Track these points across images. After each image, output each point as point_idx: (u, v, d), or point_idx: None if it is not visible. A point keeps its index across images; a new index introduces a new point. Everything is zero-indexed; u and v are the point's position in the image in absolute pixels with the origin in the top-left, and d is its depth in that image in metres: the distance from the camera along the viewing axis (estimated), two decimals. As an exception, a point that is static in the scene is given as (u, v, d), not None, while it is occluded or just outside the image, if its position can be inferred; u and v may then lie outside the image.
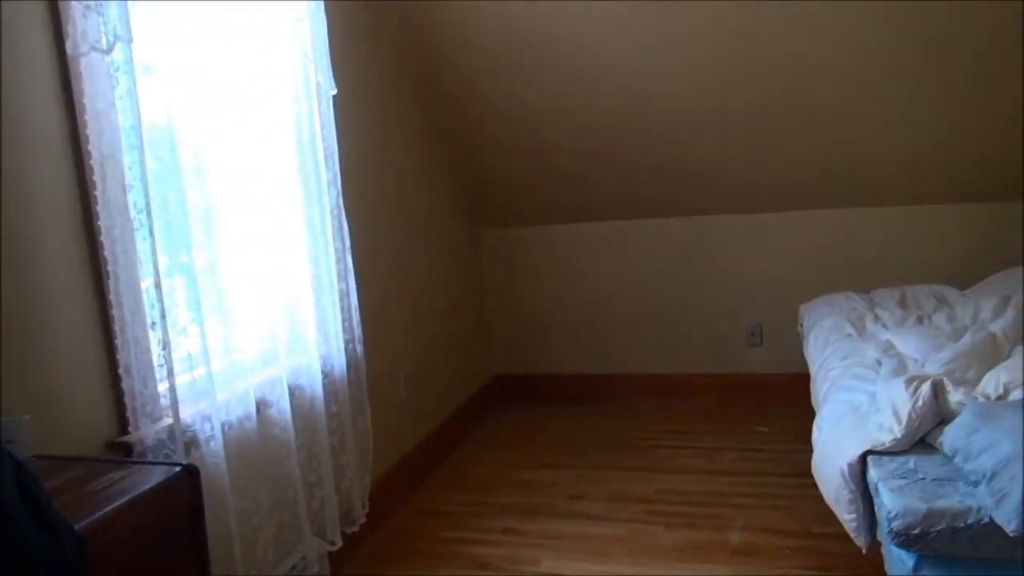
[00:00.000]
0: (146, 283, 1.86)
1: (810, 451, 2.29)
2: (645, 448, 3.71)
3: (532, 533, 2.98)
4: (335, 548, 2.54)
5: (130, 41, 1.79)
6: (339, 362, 2.63)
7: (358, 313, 2.75)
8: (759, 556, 2.66)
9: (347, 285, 2.71)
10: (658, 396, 4.29)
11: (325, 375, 2.56)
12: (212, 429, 1.99)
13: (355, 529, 2.69)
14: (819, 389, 2.61)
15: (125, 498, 1.21)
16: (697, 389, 4.25)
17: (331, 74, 2.63)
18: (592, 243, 4.33)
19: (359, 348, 2.75)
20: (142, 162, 1.83)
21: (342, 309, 2.68)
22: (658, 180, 3.98)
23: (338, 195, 2.68)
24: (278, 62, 2.46)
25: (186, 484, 1.30)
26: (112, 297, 1.83)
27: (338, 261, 2.66)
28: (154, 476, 1.29)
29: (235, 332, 2.16)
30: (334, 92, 2.65)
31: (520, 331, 4.53)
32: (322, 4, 2.59)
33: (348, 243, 2.72)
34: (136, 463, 1.39)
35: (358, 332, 2.75)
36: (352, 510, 2.67)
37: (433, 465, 3.64)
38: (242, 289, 2.21)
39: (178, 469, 1.30)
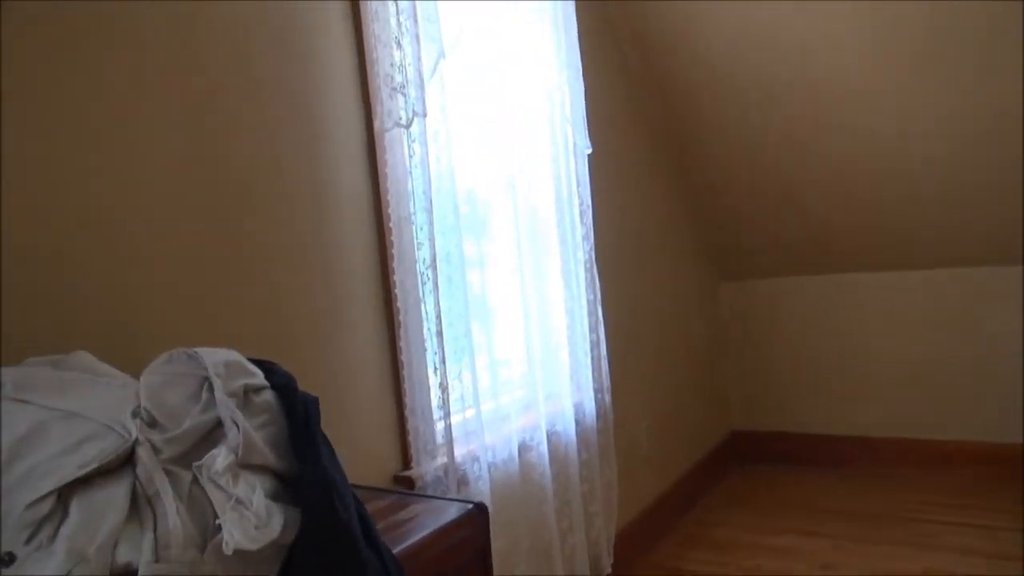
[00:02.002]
0: (429, 331, 2.05)
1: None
2: (907, 520, 3.41)
3: (782, 601, 2.84)
4: (584, 595, 2.59)
5: (424, 116, 2.01)
6: (589, 411, 2.70)
7: (607, 363, 2.81)
8: (1058, 657, 2.34)
9: (597, 335, 2.79)
10: (920, 464, 3.93)
11: (578, 423, 2.64)
12: (480, 469, 2.13)
13: (601, 578, 2.72)
14: None
15: (428, 530, 1.34)
16: (967, 459, 3.84)
17: (587, 134, 2.76)
18: (843, 295, 4.11)
19: (607, 397, 2.81)
20: (430, 223, 2.04)
21: (592, 359, 2.75)
22: (921, 226, 3.71)
23: (591, 248, 2.78)
24: (541, 126, 2.63)
25: (478, 521, 1.41)
26: (401, 343, 2.03)
27: (590, 313, 2.75)
28: (451, 511, 1.41)
29: (501, 377, 2.30)
30: (589, 151, 2.78)
31: (761, 386, 4.37)
32: (579, 72, 2.73)
33: (599, 295, 2.80)
34: (434, 498, 1.53)
35: (607, 382, 2.81)
36: (599, 559, 2.71)
37: (672, 520, 3.59)
38: (508, 336, 2.36)
39: (471, 507, 1.42)
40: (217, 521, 0.98)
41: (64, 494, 0.96)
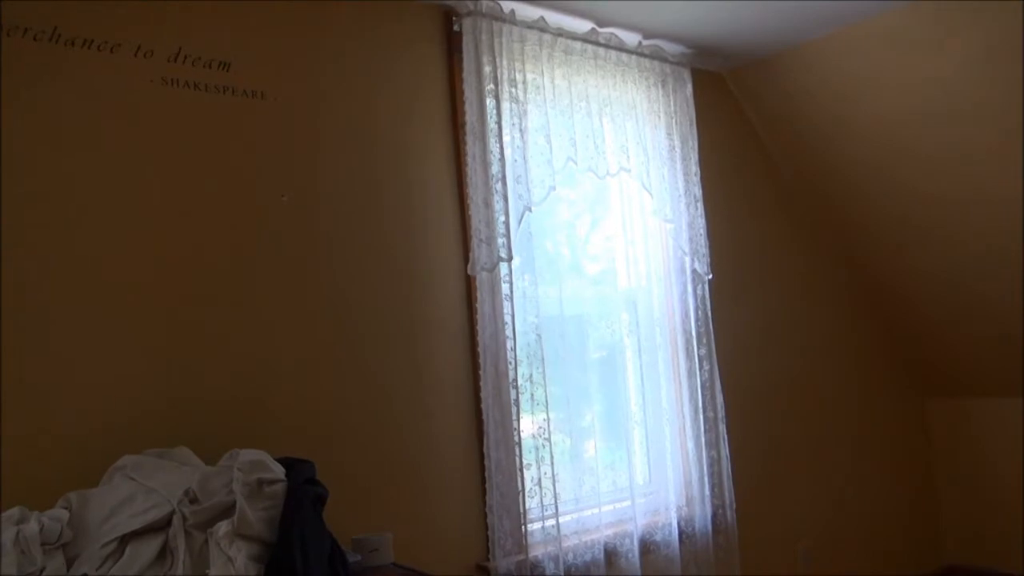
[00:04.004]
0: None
1: None
2: None
3: None
4: None
5: (510, 260, 2.42)
6: (702, 526, 2.80)
7: (730, 480, 2.89)
8: None
9: (718, 452, 2.89)
10: None
11: (685, 537, 2.76)
12: (556, 568, 2.39)
13: None
14: None
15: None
16: None
17: (707, 262, 2.95)
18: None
19: (730, 514, 2.88)
20: (515, 348, 2.42)
21: (711, 475, 2.86)
22: None
23: (711, 368, 2.92)
24: (653, 255, 2.90)
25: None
26: (486, 450, 2.40)
27: (708, 430, 2.88)
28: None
29: (587, 485, 2.56)
30: (709, 277, 2.96)
31: (984, 518, 3.92)
32: (699, 202, 2.96)
33: (722, 413, 2.92)
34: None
35: (729, 498, 2.89)
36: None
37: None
38: (600, 451, 2.61)
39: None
40: (207, 571, 1.45)
41: (126, 539, 1.50)
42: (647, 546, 2.66)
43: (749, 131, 3.49)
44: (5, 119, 1.75)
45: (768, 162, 3.56)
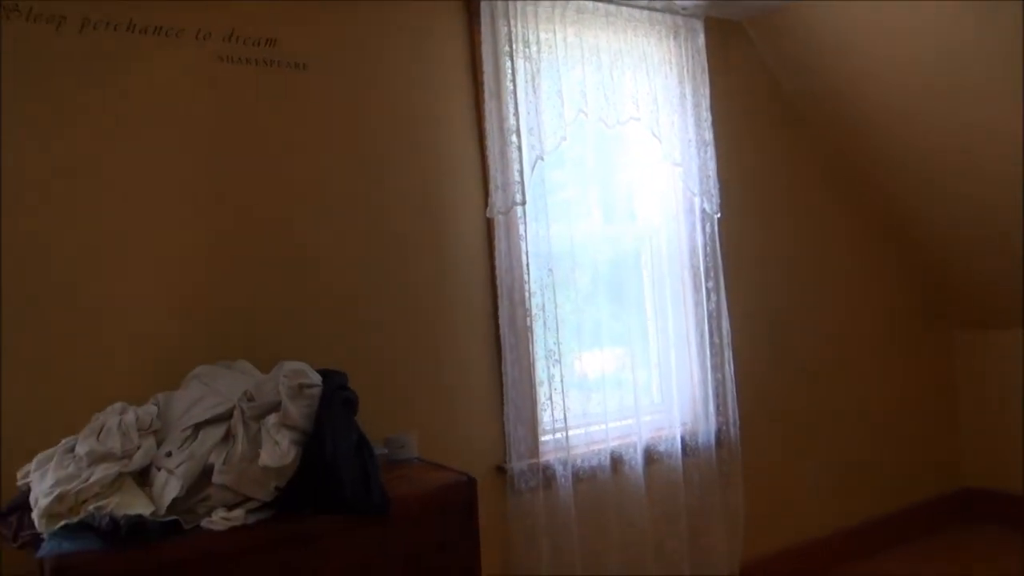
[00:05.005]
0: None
1: None
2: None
3: None
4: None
5: (523, 204, 2.75)
6: (706, 440, 3.13)
7: (734, 399, 3.20)
8: None
9: (723, 374, 3.20)
10: None
11: (689, 449, 3.10)
12: (565, 471, 2.77)
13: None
14: None
15: (423, 487, 2.11)
16: None
17: (716, 202, 3.20)
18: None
19: (733, 431, 3.20)
20: (528, 281, 2.77)
21: (716, 396, 3.18)
22: None
23: (718, 300, 3.20)
24: (664, 196, 3.18)
25: (466, 488, 2.12)
26: (504, 368, 2.78)
27: (714, 355, 3.18)
28: (451, 479, 2.15)
29: (595, 402, 2.92)
30: (718, 216, 3.22)
31: (1001, 443, 4.09)
32: (709, 145, 3.20)
33: (728, 340, 3.21)
34: (452, 471, 2.25)
35: (733, 416, 3.20)
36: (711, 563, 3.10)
37: (859, 552, 3.71)
38: (608, 373, 2.96)
39: (464, 479, 2.13)
40: (259, 450, 1.88)
41: (199, 427, 1.94)
42: (651, 456, 3.01)
43: (767, 77, 3.66)
44: (99, 98, 2.18)
45: (786, 107, 3.73)
